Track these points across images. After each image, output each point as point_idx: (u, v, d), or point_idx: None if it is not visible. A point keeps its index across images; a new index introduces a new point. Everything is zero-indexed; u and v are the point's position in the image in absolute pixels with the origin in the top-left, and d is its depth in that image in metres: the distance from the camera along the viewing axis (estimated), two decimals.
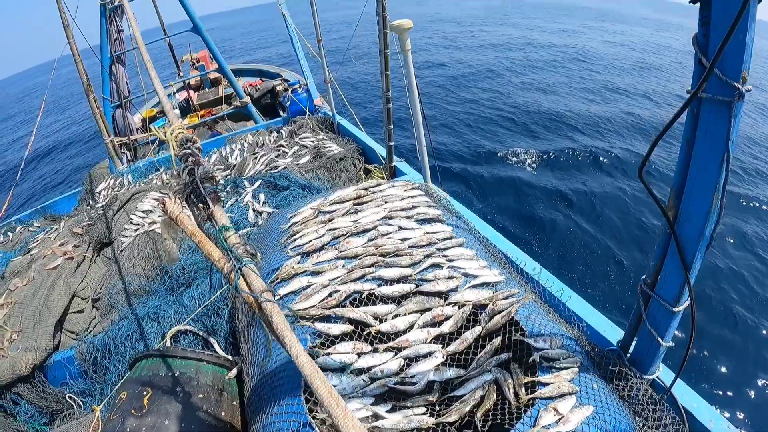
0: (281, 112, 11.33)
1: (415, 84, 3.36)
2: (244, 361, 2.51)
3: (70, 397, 3.31)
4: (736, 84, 1.22)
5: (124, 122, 8.33)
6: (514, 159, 10.75)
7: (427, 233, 2.55)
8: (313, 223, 2.82)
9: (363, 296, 2.16)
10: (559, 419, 1.63)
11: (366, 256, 2.40)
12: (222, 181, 4.89)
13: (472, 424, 1.70)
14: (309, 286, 2.23)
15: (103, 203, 5.43)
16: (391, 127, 3.88)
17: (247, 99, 8.47)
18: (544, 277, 2.61)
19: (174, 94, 11.16)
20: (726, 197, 1.43)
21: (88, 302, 4.06)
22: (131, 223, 4.41)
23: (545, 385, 1.79)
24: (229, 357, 2.82)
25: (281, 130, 5.93)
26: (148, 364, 2.69)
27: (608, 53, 25.48)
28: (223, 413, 2.45)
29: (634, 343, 2.01)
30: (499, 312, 2.04)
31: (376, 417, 1.67)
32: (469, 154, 11.23)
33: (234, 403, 2.59)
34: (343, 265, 2.36)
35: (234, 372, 2.68)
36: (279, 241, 2.78)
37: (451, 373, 1.85)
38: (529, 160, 10.60)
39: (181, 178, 1.29)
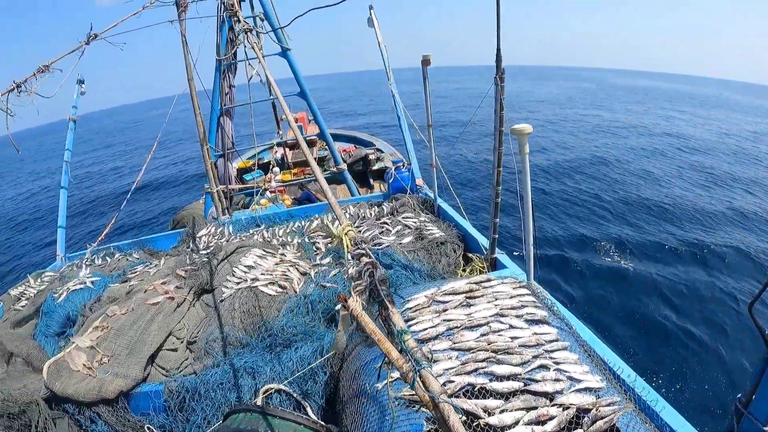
0: (371, 181, 11.82)
1: (529, 188, 3.54)
2: (347, 431, 2.65)
3: (148, 428, 3.46)
4: None
5: (224, 172, 8.97)
6: (614, 251, 10.73)
7: (536, 334, 2.68)
8: (428, 311, 3.02)
9: (475, 389, 2.31)
10: None
11: (479, 350, 2.55)
12: (323, 249, 5.21)
13: None
14: None
15: (205, 250, 5.79)
16: (497, 220, 4.06)
17: (344, 166, 8.93)
18: (639, 386, 2.65)
19: (274, 150, 11.99)
20: None
21: (183, 343, 4.25)
22: (233, 275, 4.66)
23: None
24: (323, 423, 2.97)
25: (382, 206, 6.17)
26: (246, 418, 2.84)
27: (707, 141, 25.24)
28: None
29: None
30: (602, 418, 2.13)
31: None
32: (568, 242, 11.32)
33: None
34: (457, 357, 2.52)
35: None
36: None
37: None
38: (628, 254, 10.51)
39: (363, 280, 1.49)
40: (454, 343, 2.62)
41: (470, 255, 4.70)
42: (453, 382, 2.31)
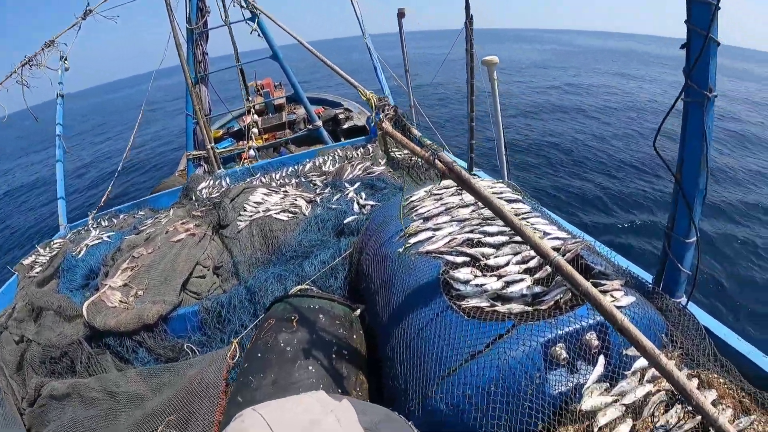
0: (342, 139, 12.60)
1: (498, 106, 4.47)
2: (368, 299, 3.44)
3: (188, 347, 3.81)
4: (705, 92, 2.21)
5: (203, 137, 9.61)
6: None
7: (513, 208, 3.57)
8: (428, 200, 3.83)
9: (474, 242, 3.19)
10: (613, 301, 2.49)
11: (472, 219, 3.40)
12: (320, 183, 5.99)
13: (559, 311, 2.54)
14: (434, 236, 3.30)
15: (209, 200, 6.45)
16: (473, 141, 4.91)
17: (319, 123, 9.67)
18: (588, 239, 3.38)
19: (243, 118, 12.57)
20: (708, 163, 2.37)
21: (209, 269, 4.70)
22: (245, 210, 5.27)
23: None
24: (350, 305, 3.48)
25: (367, 147, 6.95)
26: (290, 301, 3.36)
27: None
28: (354, 336, 3.21)
29: (664, 276, 2.89)
30: (569, 251, 2.89)
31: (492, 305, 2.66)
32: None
33: (361, 333, 3.28)
34: (456, 224, 3.39)
35: (359, 311, 3.43)
36: (401, 213, 3.80)
37: (537, 289, 2.80)
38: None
39: (389, 113, 2.29)
40: (453, 217, 3.49)
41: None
42: (456, 239, 3.20)
